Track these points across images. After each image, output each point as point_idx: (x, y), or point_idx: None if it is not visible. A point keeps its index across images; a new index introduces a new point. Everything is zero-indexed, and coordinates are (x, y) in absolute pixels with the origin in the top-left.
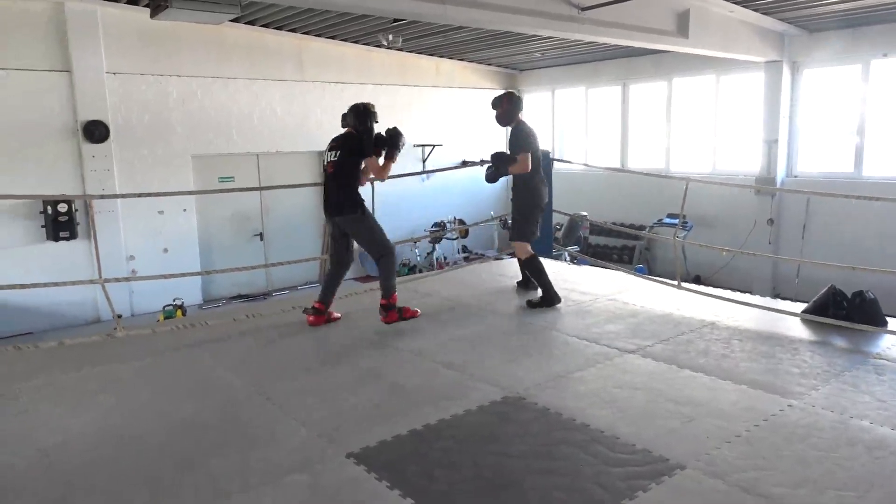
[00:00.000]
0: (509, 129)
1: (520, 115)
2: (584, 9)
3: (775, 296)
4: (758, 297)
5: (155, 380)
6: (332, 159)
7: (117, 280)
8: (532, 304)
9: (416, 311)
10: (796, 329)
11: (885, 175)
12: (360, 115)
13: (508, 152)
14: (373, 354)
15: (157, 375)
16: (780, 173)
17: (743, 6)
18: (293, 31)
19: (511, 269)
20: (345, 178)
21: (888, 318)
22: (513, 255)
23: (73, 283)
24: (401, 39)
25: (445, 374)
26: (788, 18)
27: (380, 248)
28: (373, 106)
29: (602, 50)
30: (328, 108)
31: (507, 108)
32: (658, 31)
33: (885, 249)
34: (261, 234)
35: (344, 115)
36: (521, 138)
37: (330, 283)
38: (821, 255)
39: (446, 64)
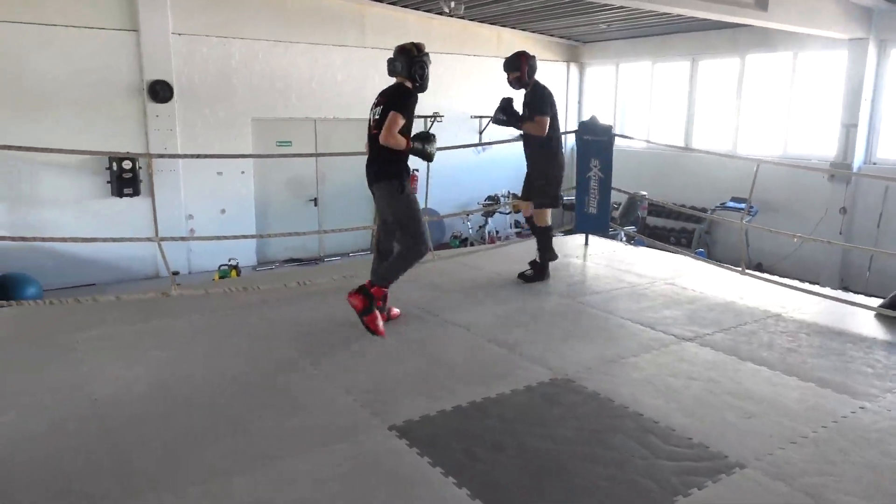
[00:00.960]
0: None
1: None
2: None
3: (844, 288)
4: (828, 288)
5: (206, 339)
6: (377, 117)
7: (173, 239)
8: (525, 278)
9: (382, 331)
10: (870, 326)
11: None
12: (411, 61)
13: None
14: (419, 327)
15: (208, 335)
16: (858, 159)
17: None
18: None
19: (564, 247)
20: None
21: None
22: (568, 231)
23: (131, 239)
24: (463, 7)
25: (493, 351)
26: None
27: (410, 239)
28: (423, 46)
29: (671, 23)
30: (386, 75)
31: (525, 70)
32: (735, 2)
33: None
34: (315, 200)
35: (391, 61)
36: (542, 100)
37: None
38: None
39: (507, 34)
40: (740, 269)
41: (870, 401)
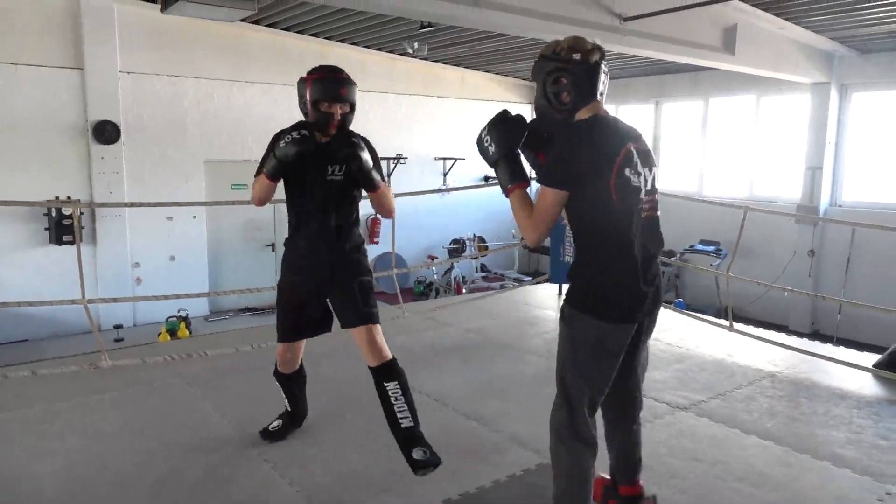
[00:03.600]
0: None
1: None
2: (626, 19)
3: (815, 332)
4: (818, 343)
5: (137, 424)
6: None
7: (103, 301)
8: None
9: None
10: (869, 386)
11: None
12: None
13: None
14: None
15: (140, 418)
16: (824, 202)
17: (794, 23)
18: (315, 35)
19: (536, 297)
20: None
21: None
22: (541, 281)
23: (51, 303)
24: (427, 48)
25: (469, 428)
26: (839, 38)
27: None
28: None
29: (634, 66)
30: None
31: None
32: (703, 45)
33: None
34: (272, 245)
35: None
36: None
37: None
38: (866, 292)
39: (472, 75)
40: (728, 324)
41: (895, 483)
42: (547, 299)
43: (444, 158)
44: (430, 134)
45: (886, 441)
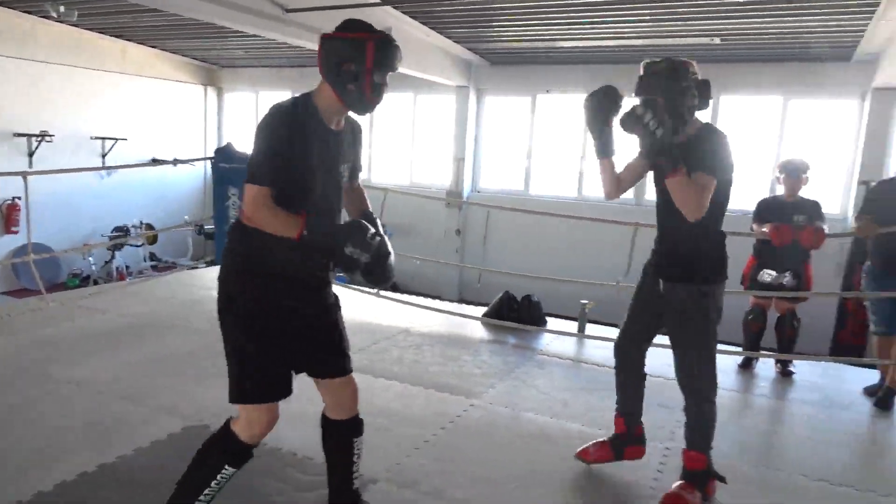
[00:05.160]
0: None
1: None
2: (288, 10)
3: (460, 300)
4: (447, 302)
5: None
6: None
7: None
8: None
9: None
10: (479, 331)
11: (548, 193)
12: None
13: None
14: (20, 390)
15: None
16: (467, 188)
17: (438, 32)
18: None
19: (202, 280)
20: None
21: (548, 318)
22: (210, 263)
23: None
24: (76, 13)
25: (116, 407)
26: (475, 49)
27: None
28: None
29: (308, 55)
30: None
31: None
32: None
33: (549, 258)
34: None
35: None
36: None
37: None
38: (498, 263)
39: (135, 49)
40: (375, 291)
41: (478, 398)
42: (214, 281)
43: (104, 138)
44: (85, 110)
45: (480, 370)
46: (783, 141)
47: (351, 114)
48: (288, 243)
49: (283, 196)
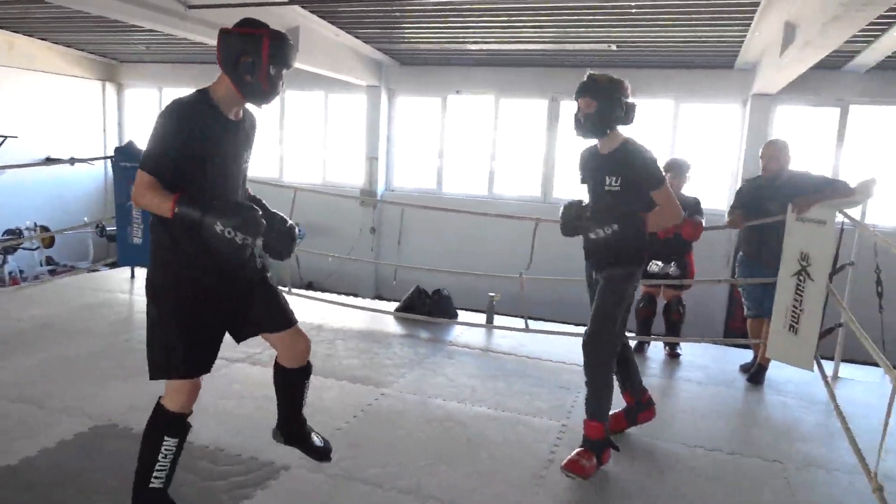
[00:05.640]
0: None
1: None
2: (190, 6)
3: (377, 297)
4: (361, 299)
5: None
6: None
7: None
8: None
9: None
10: (392, 326)
11: (460, 192)
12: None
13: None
14: None
15: None
16: (381, 187)
17: (347, 32)
18: None
19: (107, 282)
20: None
21: (458, 311)
22: (112, 265)
23: None
24: None
25: (16, 410)
26: (384, 49)
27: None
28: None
29: (213, 52)
30: None
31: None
32: None
33: (460, 254)
34: None
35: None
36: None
37: None
38: (413, 260)
39: (24, 42)
40: (287, 288)
41: (388, 387)
42: (119, 283)
43: None
44: None
45: (391, 361)
46: (675, 143)
47: (250, 107)
48: (189, 229)
49: (184, 184)
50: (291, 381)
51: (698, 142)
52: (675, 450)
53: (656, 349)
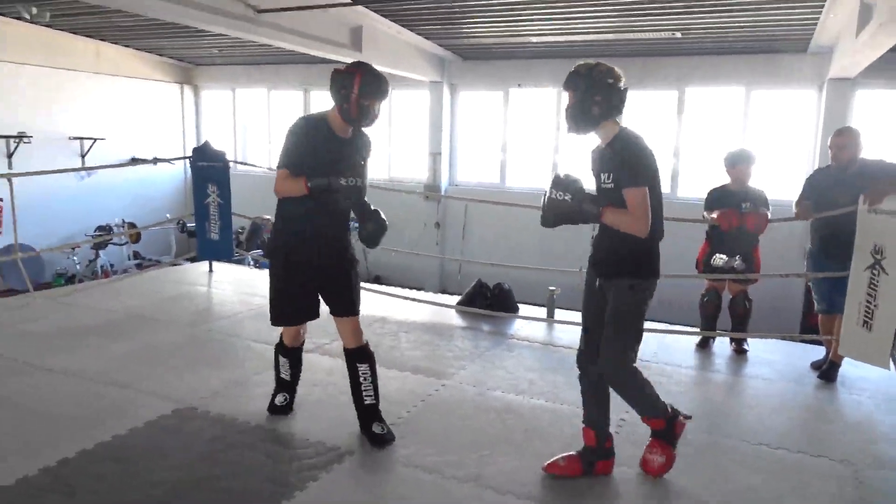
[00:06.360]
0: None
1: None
2: (260, 11)
3: (442, 290)
4: (424, 292)
5: None
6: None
7: None
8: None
9: None
10: (453, 319)
11: (523, 186)
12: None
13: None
14: (11, 381)
15: None
16: (444, 182)
17: (409, 29)
18: None
19: (187, 276)
20: None
21: (519, 305)
22: (192, 259)
23: None
24: (48, 13)
25: (107, 393)
26: (446, 45)
27: None
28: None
29: (283, 53)
30: None
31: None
32: (334, 42)
33: (523, 247)
34: None
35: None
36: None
37: None
38: (476, 254)
39: (110, 49)
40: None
41: (448, 378)
42: (198, 276)
43: (82, 138)
44: (62, 111)
45: (452, 353)
46: (747, 132)
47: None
48: (310, 209)
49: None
50: (347, 361)
51: (772, 130)
52: (738, 447)
53: (722, 345)
